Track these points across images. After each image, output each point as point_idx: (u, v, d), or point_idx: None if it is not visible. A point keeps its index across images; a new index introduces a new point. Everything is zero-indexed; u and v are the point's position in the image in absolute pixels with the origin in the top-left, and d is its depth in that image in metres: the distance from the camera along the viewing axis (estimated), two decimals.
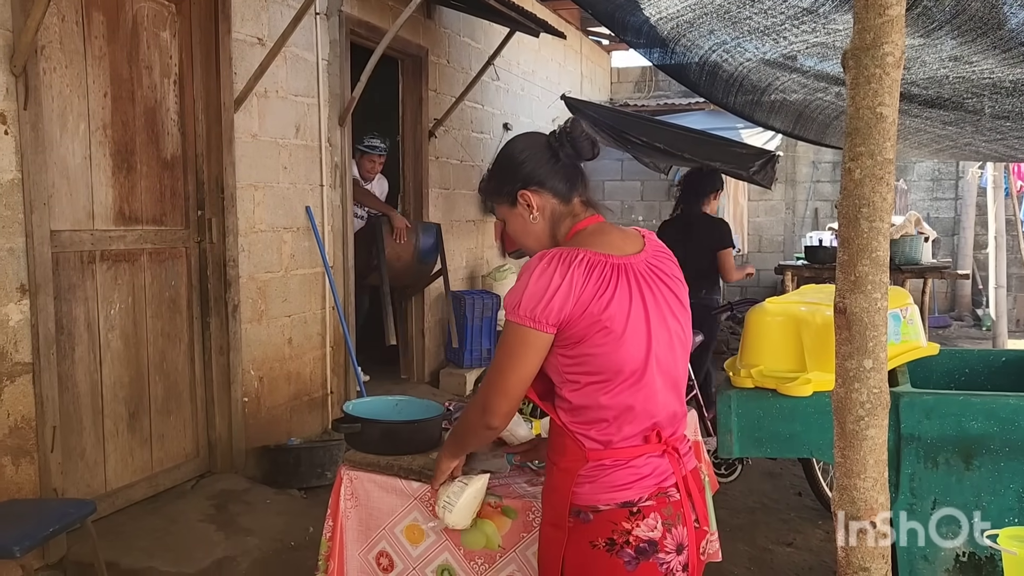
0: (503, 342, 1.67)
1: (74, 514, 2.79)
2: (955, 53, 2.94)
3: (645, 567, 1.61)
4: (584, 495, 1.64)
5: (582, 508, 1.64)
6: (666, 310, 1.70)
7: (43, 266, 3.24)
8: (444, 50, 6.63)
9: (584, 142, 1.77)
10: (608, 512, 1.63)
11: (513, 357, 1.65)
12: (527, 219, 1.79)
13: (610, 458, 1.65)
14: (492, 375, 1.69)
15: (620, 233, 1.79)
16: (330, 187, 5.07)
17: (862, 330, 1.67)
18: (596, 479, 1.64)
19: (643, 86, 11.54)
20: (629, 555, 1.61)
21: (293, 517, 3.88)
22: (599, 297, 1.61)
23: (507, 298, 1.69)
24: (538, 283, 1.62)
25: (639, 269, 1.69)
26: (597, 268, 1.64)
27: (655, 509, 1.64)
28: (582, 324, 1.61)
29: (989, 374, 3.27)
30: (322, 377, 5.10)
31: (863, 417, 1.69)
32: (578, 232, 1.76)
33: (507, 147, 1.84)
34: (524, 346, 1.63)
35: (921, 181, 10.74)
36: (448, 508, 1.92)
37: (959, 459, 2.52)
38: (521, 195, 1.78)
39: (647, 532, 1.62)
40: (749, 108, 5.33)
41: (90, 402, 3.60)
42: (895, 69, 1.61)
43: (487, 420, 1.70)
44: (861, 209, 1.64)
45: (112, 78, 3.66)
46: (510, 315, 1.65)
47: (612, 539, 1.62)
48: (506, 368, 1.66)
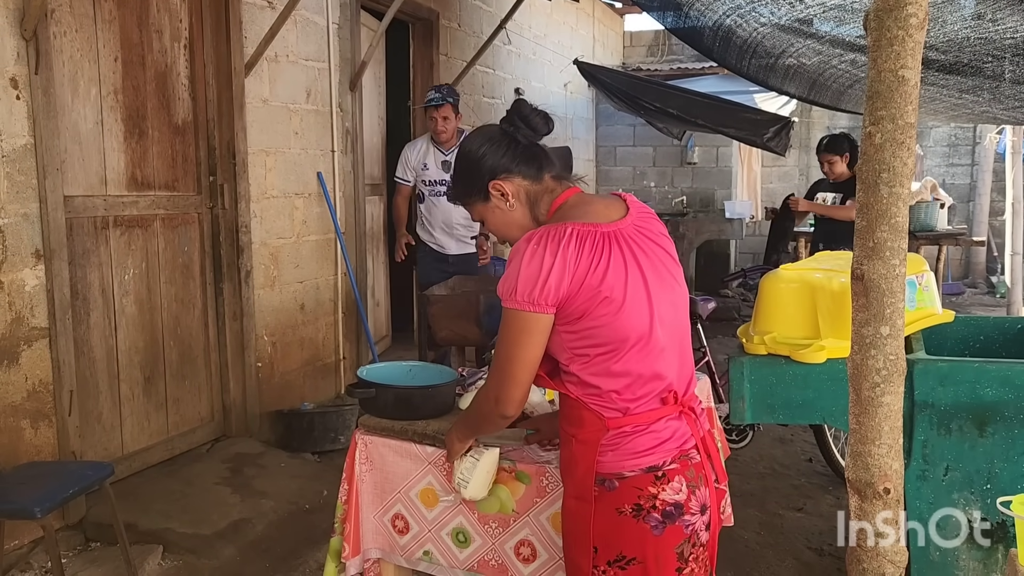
0: (505, 331, 1.65)
1: (92, 476, 2.83)
2: (979, 10, 2.88)
3: (671, 531, 1.62)
4: (608, 463, 1.63)
5: (607, 476, 1.63)
6: (662, 269, 1.69)
7: (57, 232, 3.25)
8: (455, 14, 6.55)
9: (536, 118, 1.76)
10: (634, 478, 1.62)
11: (517, 344, 1.63)
12: (504, 209, 1.77)
13: (630, 424, 1.63)
14: (499, 365, 1.67)
15: (602, 201, 1.76)
16: (341, 152, 5.05)
17: (879, 297, 1.66)
18: (619, 446, 1.63)
19: (656, 50, 11.40)
20: (656, 519, 1.62)
21: (307, 480, 3.93)
22: (595, 269, 1.59)
23: (501, 285, 1.65)
24: (531, 265, 1.59)
25: (628, 234, 1.67)
26: (588, 240, 1.61)
27: (679, 472, 1.65)
28: (581, 298, 1.59)
29: (1004, 341, 3.25)
30: (335, 343, 5.12)
31: (879, 384, 1.69)
32: (560, 207, 1.74)
33: (462, 147, 1.82)
34: (526, 332, 1.62)
35: (937, 147, 10.61)
36: (463, 485, 1.95)
37: (973, 426, 2.52)
38: (492, 186, 1.75)
39: (673, 495, 1.63)
40: (763, 73, 5.27)
41: (106, 367, 3.63)
42: (918, 31, 1.57)
43: (501, 410, 1.69)
44: (881, 174, 1.62)
45: (122, 42, 3.64)
46: (507, 302, 1.63)
47: (639, 504, 1.62)
48: (512, 356, 1.64)
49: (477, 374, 2.72)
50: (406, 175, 5.01)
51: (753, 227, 10.90)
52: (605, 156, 10.97)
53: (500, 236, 1.84)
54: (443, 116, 4.82)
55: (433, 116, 4.84)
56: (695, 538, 1.65)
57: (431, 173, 4.92)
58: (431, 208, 4.96)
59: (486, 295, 4.21)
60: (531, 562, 2.03)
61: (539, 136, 1.78)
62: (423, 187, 4.97)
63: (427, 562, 2.19)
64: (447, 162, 4.88)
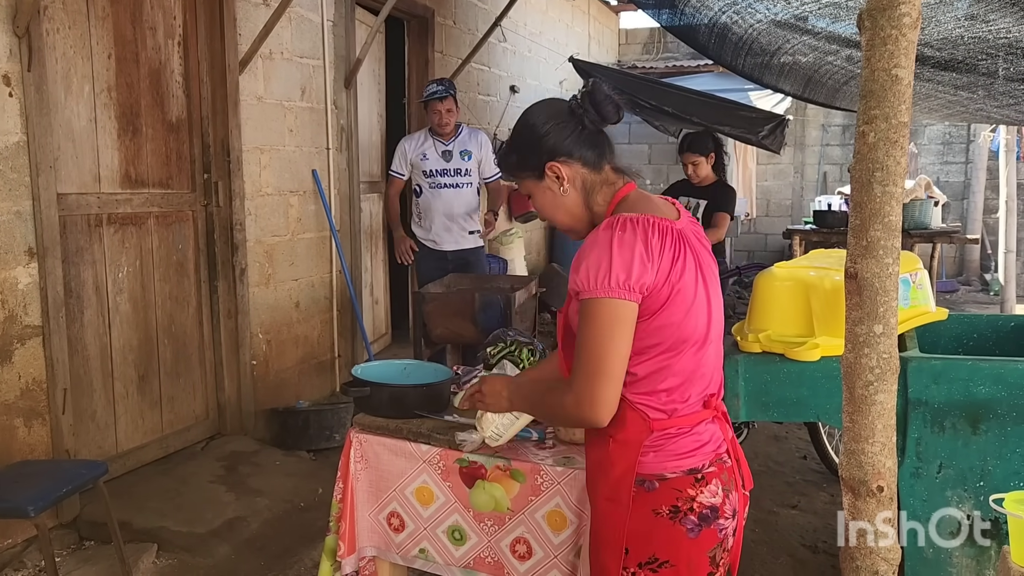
0: (593, 323, 1.52)
1: (86, 475, 2.82)
2: (971, 11, 2.89)
3: (706, 534, 1.59)
4: (649, 464, 1.59)
5: (647, 477, 1.59)
6: (710, 275, 1.66)
7: (50, 229, 3.24)
8: (450, 11, 6.54)
9: (608, 106, 1.65)
10: (674, 480, 1.58)
11: (611, 336, 1.51)
12: (557, 192, 1.69)
13: (675, 426, 1.59)
14: (589, 362, 1.53)
15: (660, 200, 1.71)
16: (336, 150, 5.04)
17: (873, 295, 1.67)
18: (662, 448, 1.59)
19: (651, 48, 11.40)
20: (692, 522, 1.58)
21: (302, 478, 3.93)
22: (675, 264, 1.55)
23: (584, 275, 1.54)
24: (622, 252, 1.51)
25: (688, 235, 1.62)
26: (668, 235, 1.56)
27: (716, 475, 1.62)
28: (662, 293, 1.54)
29: (997, 339, 3.26)
30: (330, 341, 5.12)
31: (872, 382, 1.69)
32: (623, 200, 1.67)
33: (526, 117, 1.72)
34: (620, 321, 1.52)
35: (932, 145, 10.63)
36: (496, 438, 1.94)
37: (966, 424, 2.53)
38: (550, 168, 1.67)
39: (710, 498, 1.60)
40: (758, 71, 5.27)
41: (100, 365, 3.63)
42: (911, 30, 1.58)
43: (591, 415, 1.54)
44: (875, 173, 1.62)
45: (116, 39, 3.63)
46: (597, 291, 1.52)
47: (676, 506, 1.58)
48: (607, 350, 1.52)
49: (472, 372, 2.73)
50: (401, 168, 4.98)
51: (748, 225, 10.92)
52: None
53: (544, 217, 1.75)
54: (446, 108, 4.79)
55: (437, 109, 4.78)
56: (726, 542, 1.63)
57: (431, 163, 4.88)
58: (430, 201, 4.92)
59: (481, 293, 4.22)
60: (527, 559, 2.03)
61: (606, 123, 1.68)
62: (421, 179, 4.94)
63: (423, 560, 2.20)
64: (448, 152, 4.87)
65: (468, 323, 4.13)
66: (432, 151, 4.87)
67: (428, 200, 4.92)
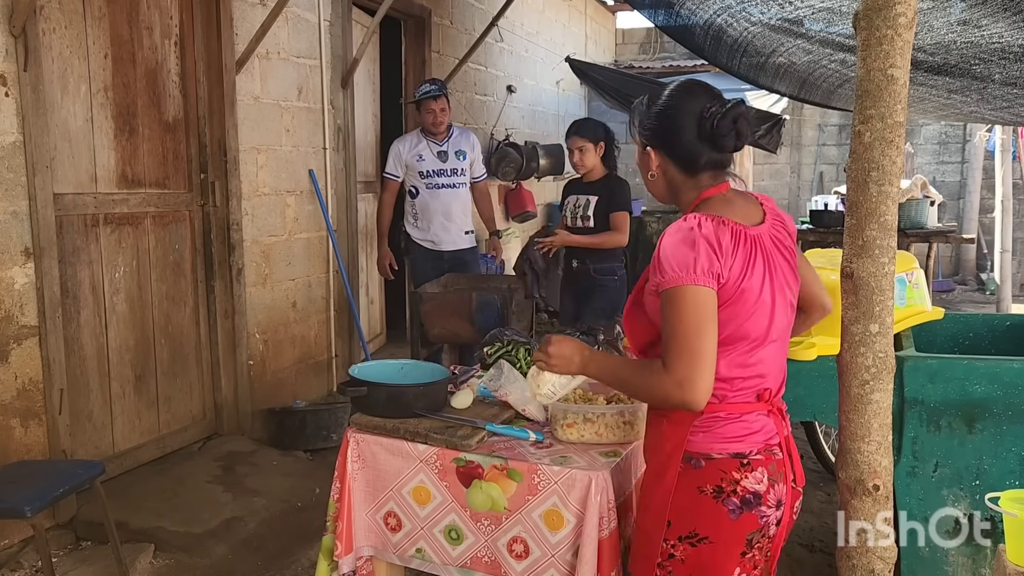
0: (685, 311, 1.58)
1: (83, 475, 2.81)
2: (964, 16, 2.90)
3: (747, 517, 1.66)
4: (697, 443, 1.68)
5: (694, 455, 1.68)
6: (782, 280, 1.71)
7: (47, 229, 3.24)
8: (447, 11, 6.54)
9: (728, 138, 1.69)
10: (720, 460, 1.67)
11: (704, 321, 1.58)
12: (647, 170, 1.80)
13: (724, 411, 1.68)
14: (686, 345, 1.58)
15: (744, 202, 1.76)
16: (333, 150, 5.04)
17: (869, 295, 1.67)
18: (710, 429, 1.68)
19: (648, 47, 11.41)
20: (735, 504, 1.66)
21: (299, 478, 3.92)
22: (744, 265, 1.63)
23: (667, 265, 1.60)
24: (704, 244, 1.59)
25: (764, 241, 1.69)
26: (740, 237, 1.64)
27: (763, 464, 1.68)
28: (728, 290, 1.61)
29: (993, 338, 3.27)
30: (327, 340, 5.12)
31: (868, 381, 1.70)
32: (704, 200, 1.73)
33: (674, 93, 1.76)
34: (707, 307, 1.59)
35: (928, 144, 10.65)
36: (550, 395, 1.95)
37: (962, 423, 2.54)
38: (648, 150, 1.77)
39: (754, 484, 1.67)
40: (754, 72, 5.28)
41: (96, 365, 3.62)
42: (907, 30, 1.58)
43: (692, 397, 1.58)
44: (870, 173, 1.63)
45: (112, 39, 3.62)
46: (683, 279, 1.58)
47: (720, 487, 1.66)
48: (700, 334, 1.58)
49: (469, 372, 2.73)
50: (396, 171, 4.99)
51: None
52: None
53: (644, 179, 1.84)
54: (440, 108, 4.84)
55: (431, 108, 4.83)
56: (766, 530, 1.70)
57: (427, 163, 4.89)
58: (428, 202, 4.93)
59: (478, 293, 4.22)
60: (524, 559, 2.03)
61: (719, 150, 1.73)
62: (417, 180, 4.94)
63: (420, 559, 2.20)
64: (444, 152, 4.88)
65: (465, 323, 4.13)
66: (428, 152, 4.88)
67: (426, 201, 4.92)
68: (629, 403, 2.20)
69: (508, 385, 2.31)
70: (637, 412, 2.14)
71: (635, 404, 2.18)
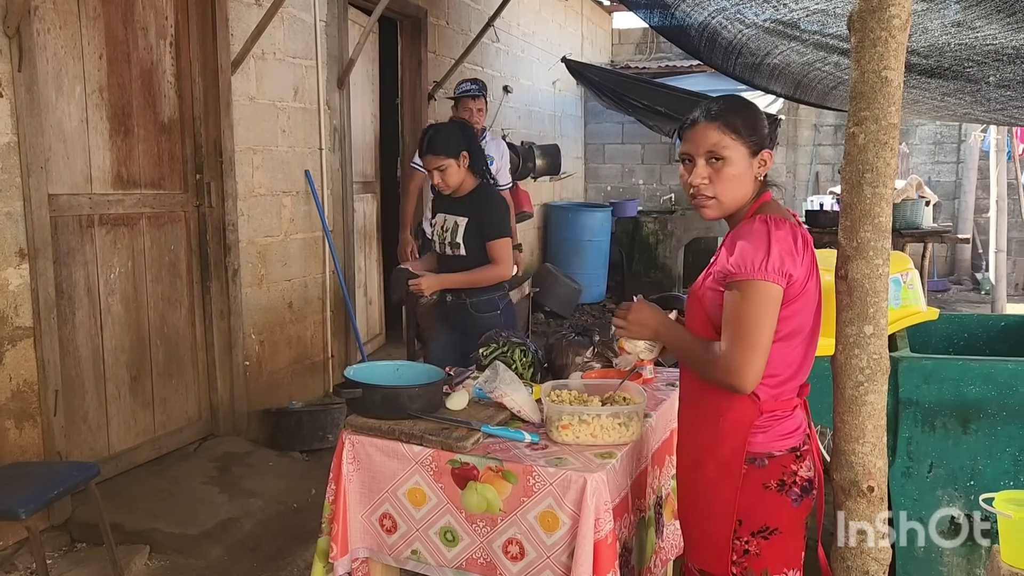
0: (751, 303, 1.72)
1: (78, 476, 2.81)
2: (958, 18, 2.90)
3: (806, 503, 1.85)
4: (759, 444, 1.81)
5: (757, 456, 1.81)
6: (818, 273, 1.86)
7: (42, 230, 3.23)
8: (443, 11, 6.54)
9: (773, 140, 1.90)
10: (781, 457, 1.82)
11: (765, 316, 1.72)
12: (750, 173, 1.85)
13: (780, 409, 1.82)
14: (744, 335, 1.73)
15: (785, 207, 1.92)
16: (329, 150, 5.03)
17: (863, 296, 1.67)
18: (770, 429, 1.82)
19: (644, 48, 11.41)
20: (796, 493, 1.83)
21: (295, 479, 3.92)
22: (809, 264, 1.77)
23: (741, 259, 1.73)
24: (781, 243, 1.73)
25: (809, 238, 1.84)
26: (806, 240, 1.79)
27: (809, 453, 1.87)
28: (796, 286, 1.74)
29: (988, 339, 3.28)
30: (323, 341, 5.11)
31: (862, 383, 1.70)
32: (767, 203, 1.86)
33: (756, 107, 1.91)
34: (773, 302, 1.73)
35: (923, 145, 10.66)
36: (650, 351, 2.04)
37: (956, 423, 2.54)
38: (767, 152, 1.86)
39: (807, 472, 1.85)
40: (749, 72, 5.27)
41: (92, 366, 3.61)
42: (901, 32, 1.58)
43: (740, 382, 1.74)
44: (864, 175, 1.63)
45: (107, 39, 3.61)
46: (755, 274, 1.72)
47: (783, 480, 1.82)
48: (760, 326, 1.72)
49: (464, 373, 2.72)
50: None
51: None
52: (594, 153, 10.99)
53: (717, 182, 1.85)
54: (478, 108, 5.09)
55: (469, 107, 5.05)
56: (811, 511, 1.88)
57: None
58: None
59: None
60: (519, 560, 2.03)
61: None
62: None
63: (415, 561, 2.20)
64: None
65: None
66: None
67: None
68: (624, 404, 2.21)
69: (503, 386, 2.31)
70: (632, 413, 2.14)
71: (630, 405, 2.18)
